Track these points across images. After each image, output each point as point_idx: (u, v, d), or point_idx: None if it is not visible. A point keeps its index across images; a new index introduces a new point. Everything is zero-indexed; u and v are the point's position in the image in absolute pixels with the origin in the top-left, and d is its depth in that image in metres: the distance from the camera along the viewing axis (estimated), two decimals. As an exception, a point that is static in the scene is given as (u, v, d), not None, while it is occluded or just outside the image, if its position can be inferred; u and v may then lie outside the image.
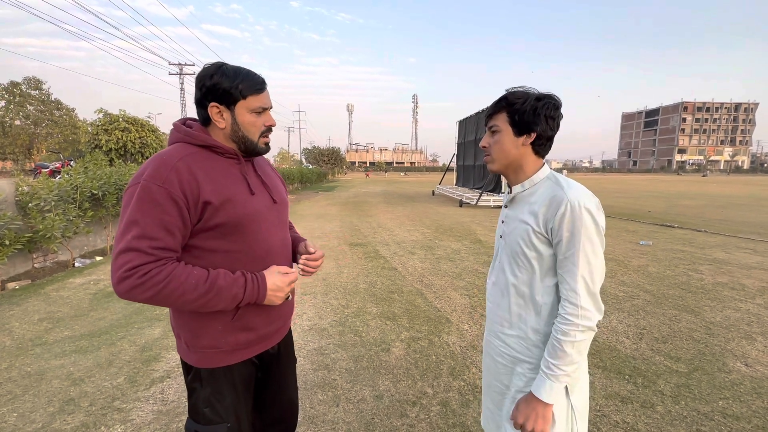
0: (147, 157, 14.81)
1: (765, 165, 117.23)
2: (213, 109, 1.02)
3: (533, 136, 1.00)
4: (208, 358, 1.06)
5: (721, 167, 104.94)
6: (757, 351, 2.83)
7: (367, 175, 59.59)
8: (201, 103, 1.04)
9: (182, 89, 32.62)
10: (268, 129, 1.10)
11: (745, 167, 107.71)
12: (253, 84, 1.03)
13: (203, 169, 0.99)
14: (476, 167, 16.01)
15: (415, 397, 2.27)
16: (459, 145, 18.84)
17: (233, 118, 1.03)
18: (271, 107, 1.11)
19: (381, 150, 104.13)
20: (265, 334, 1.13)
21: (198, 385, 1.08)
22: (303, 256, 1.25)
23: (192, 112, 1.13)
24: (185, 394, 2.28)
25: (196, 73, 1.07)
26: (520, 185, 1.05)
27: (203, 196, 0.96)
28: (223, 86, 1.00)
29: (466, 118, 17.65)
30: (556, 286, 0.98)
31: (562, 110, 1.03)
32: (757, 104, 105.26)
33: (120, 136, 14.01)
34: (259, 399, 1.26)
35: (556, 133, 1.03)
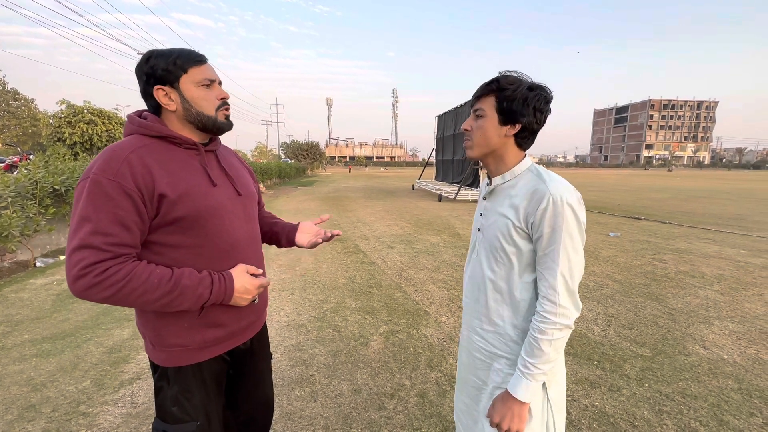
0: (115, 151, 14.11)
1: (724, 160, 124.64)
2: (158, 92, 0.97)
3: (518, 127, 0.95)
4: (175, 357, 1.02)
5: (685, 162, 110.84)
6: (714, 334, 3.01)
7: (349, 169, 59.38)
8: (146, 92, 0.99)
9: (152, 80, 31.22)
10: (224, 102, 1.05)
11: (706, 162, 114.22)
12: (191, 56, 0.99)
13: (158, 161, 0.94)
14: (455, 162, 16.20)
15: (393, 390, 2.28)
16: (438, 139, 18.99)
17: (181, 95, 0.98)
18: (220, 81, 1.06)
19: (361, 144, 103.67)
20: (235, 331, 1.10)
21: (165, 384, 1.04)
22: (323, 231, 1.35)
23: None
24: (156, 395, 2.21)
25: None
26: (501, 177, 1.01)
27: (158, 188, 0.91)
28: (161, 66, 0.96)
29: (445, 112, 17.78)
30: (535, 282, 0.96)
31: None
32: (717, 102, 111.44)
33: (85, 129, 13.29)
34: (232, 396, 1.22)
35: (541, 127, 0.98)
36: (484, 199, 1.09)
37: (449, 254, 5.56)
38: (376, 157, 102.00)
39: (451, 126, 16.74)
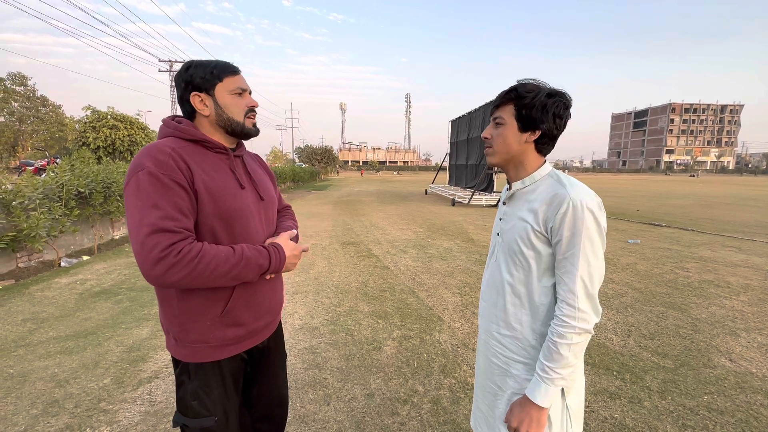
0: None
1: (749, 165, 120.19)
2: (195, 98, 1.05)
3: (538, 133, 0.96)
4: (196, 353, 1.05)
5: (708, 167, 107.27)
6: (741, 347, 2.89)
7: (362, 173, 59.79)
8: (183, 98, 1.07)
9: (172, 86, 32.18)
10: (252, 110, 1.12)
11: (730, 167, 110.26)
12: (227, 67, 1.08)
13: (194, 161, 1.01)
14: (468, 166, 16.09)
15: (406, 395, 2.27)
16: (451, 144, 18.91)
17: (215, 102, 1.06)
18: (250, 91, 1.14)
19: (374, 149, 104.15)
20: (254, 330, 1.13)
21: (186, 378, 1.07)
22: None
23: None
24: (173, 394, 2.25)
25: None
26: (521, 182, 1.02)
27: (196, 184, 0.98)
28: (199, 75, 1.04)
29: (459, 117, 17.72)
30: (554, 286, 0.95)
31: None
32: (742, 106, 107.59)
33: (108, 134, 13.78)
34: (248, 394, 1.25)
35: (561, 132, 0.98)
36: (504, 203, 1.09)
37: (463, 259, 5.51)
38: (389, 162, 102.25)
39: (464, 131, 16.66)
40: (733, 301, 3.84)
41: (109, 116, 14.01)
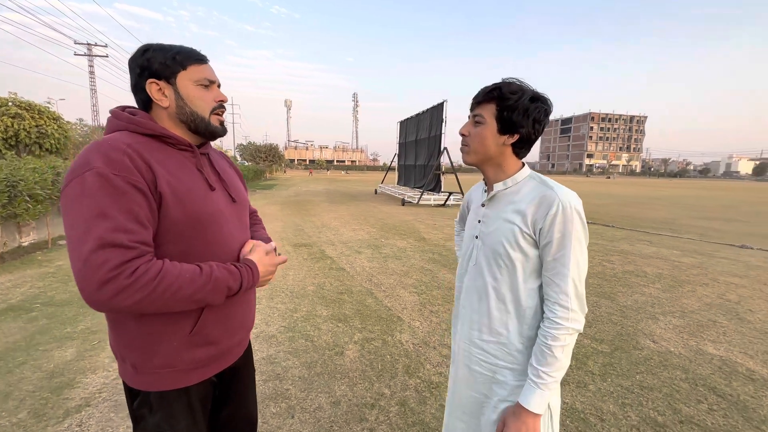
0: (46, 149, 12.73)
1: (652, 169, 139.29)
2: (152, 86, 0.89)
3: (516, 137, 0.95)
4: (161, 380, 0.91)
5: (620, 171, 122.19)
6: (661, 329, 3.30)
7: (310, 173, 58.48)
8: (137, 86, 0.91)
9: (92, 72, 28.57)
10: (221, 106, 0.98)
11: (637, 171, 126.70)
12: (192, 53, 0.94)
13: (155, 158, 0.85)
14: (417, 167, 16.48)
15: (373, 400, 2.24)
16: (400, 145, 19.23)
17: (176, 92, 0.91)
18: (219, 84, 1.00)
19: (321, 148, 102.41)
20: (227, 348, 1.01)
21: (146, 411, 0.92)
22: None
23: (103, 100, 0.97)
24: (110, 423, 1.98)
25: (108, 55, 0.92)
26: (502, 183, 1.00)
27: (159, 185, 0.83)
28: (158, 60, 0.89)
29: (407, 118, 18.07)
30: (539, 289, 0.95)
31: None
32: (646, 117, 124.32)
33: (10, 124, 11.84)
34: (216, 418, 1.12)
35: (538, 137, 0.98)
36: (482, 206, 1.06)
37: (417, 258, 5.61)
38: (337, 161, 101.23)
39: (413, 132, 17.03)
40: (650, 289, 4.38)
41: (10, 103, 12.05)
